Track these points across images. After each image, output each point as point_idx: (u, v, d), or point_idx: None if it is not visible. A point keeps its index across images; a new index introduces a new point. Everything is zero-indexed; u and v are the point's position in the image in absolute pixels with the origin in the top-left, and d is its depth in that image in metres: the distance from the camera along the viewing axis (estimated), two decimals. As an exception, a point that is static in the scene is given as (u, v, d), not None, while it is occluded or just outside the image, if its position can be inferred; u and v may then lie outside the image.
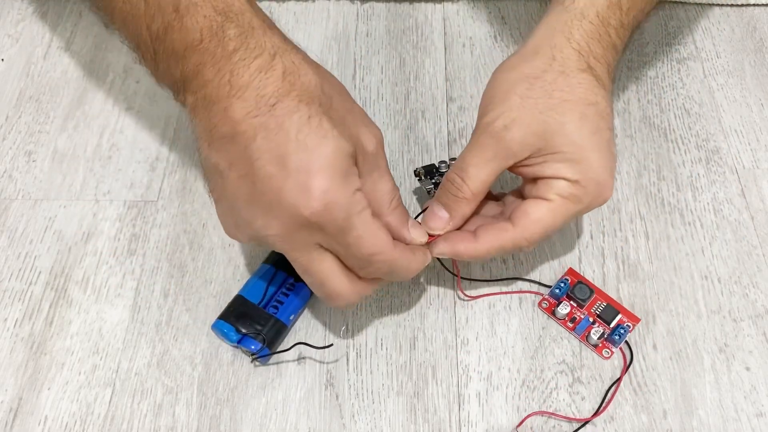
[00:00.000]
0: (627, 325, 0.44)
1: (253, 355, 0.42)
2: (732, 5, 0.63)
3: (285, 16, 0.61)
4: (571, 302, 0.45)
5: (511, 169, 0.40)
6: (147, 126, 0.54)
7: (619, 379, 0.43)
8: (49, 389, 0.43)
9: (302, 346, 0.43)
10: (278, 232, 0.35)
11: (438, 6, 0.62)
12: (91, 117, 0.55)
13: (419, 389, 0.43)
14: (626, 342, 0.44)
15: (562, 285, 0.45)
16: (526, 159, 0.39)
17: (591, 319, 0.44)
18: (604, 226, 0.50)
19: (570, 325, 0.44)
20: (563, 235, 0.49)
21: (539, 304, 0.45)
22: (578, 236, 0.49)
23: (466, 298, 0.46)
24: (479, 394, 0.43)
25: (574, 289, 0.45)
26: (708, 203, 0.51)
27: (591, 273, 0.47)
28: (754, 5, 0.63)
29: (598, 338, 0.43)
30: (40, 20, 0.61)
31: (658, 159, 0.53)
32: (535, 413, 0.41)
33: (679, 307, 0.46)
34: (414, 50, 0.59)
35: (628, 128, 0.55)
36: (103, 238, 0.48)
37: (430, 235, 0.41)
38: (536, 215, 0.39)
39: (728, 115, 0.56)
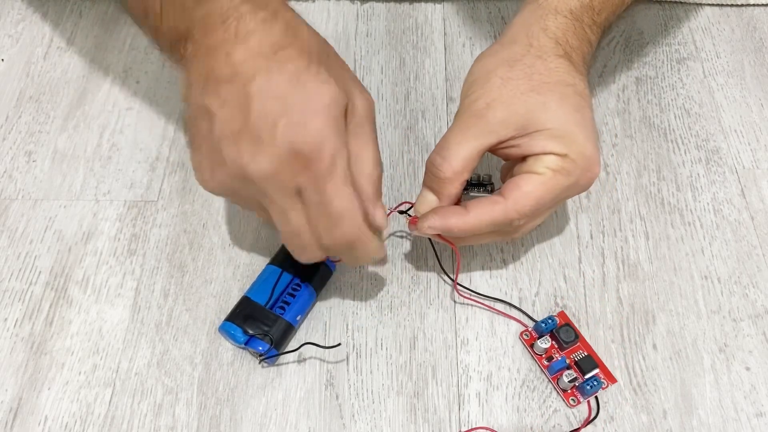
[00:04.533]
0: (602, 381, 0.43)
1: (261, 356, 0.42)
2: (732, 5, 0.63)
3: (285, 16, 0.61)
4: (553, 341, 0.44)
5: (497, 151, 0.41)
6: (147, 126, 0.54)
7: (576, 430, 0.41)
8: (49, 389, 0.43)
9: (305, 346, 0.43)
10: (265, 167, 0.34)
11: (438, 6, 0.62)
12: (91, 117, 0.55)
13: (419, 389, 0.43)
14: (596, 397, 0.43)
15: (549, 321, 0.44)
16: (510, 139, 0.40)
17: (567, 363, 0.43)
18: (604, 226, 0.50)
19: (545, 363, 0.43)
20: (563, 235, 0.49)
21: (521, 335, 0.45)
22: (578, 236, 0.49)
23: (460, 297, 0.46)
24: (479, 394, 0.43)
25: (560, 330, 0.44)
26: (708, 203, 0.51)
27: (591, 273, 0.47)
28: (754, 5, 0.63)
29: (569, 382, 0.42)
30: (40, 20, 0.61)
31: (658, 159, 0.53)
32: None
33: (679, 307, 0.46)
34: (414, 50, 0.59)
35: (628, 128, 0.55)
36: (103, 238, 0.49)
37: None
38: (527, 188, 0.39)
39: (728, 115, 0.56)
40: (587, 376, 0.43)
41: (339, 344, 0.44)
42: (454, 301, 0.46)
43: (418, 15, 0.62)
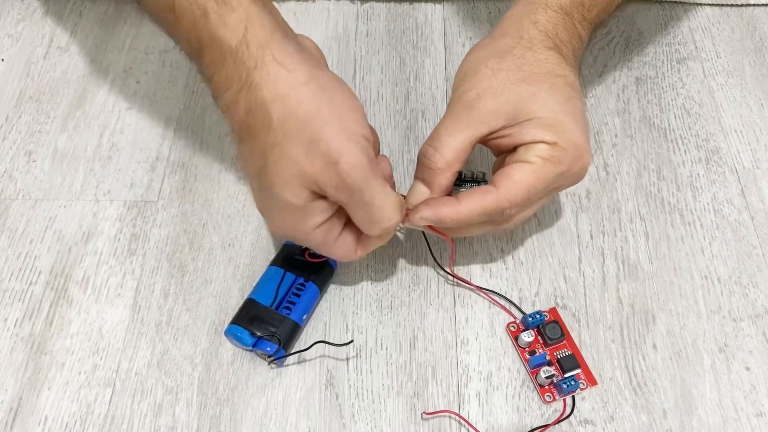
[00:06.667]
0: (581, 381, 0.43)
1: (270, 357, 0.42)
2: (732, 5, 0.63)
3: (285, 16, 0.61)
4: (539, 337, 0.44)
5: (488, 142, 0.41)
6: (147, 126, 0.54)
7: (546, 425, 0.41)
8: (49, 389, 0.43)
9: (316, 344, 0.43)
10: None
11: (438, 6, 0.62)
12: (91, 117, 0.55)
13: (419, 389, 0.43)
14: (572, 397, 0.42)
15: (537, 316, 0.44)
16: (500, 129, 0.40)
17: (548, 359, 0.43)
18: (604, 226, 0.50)
19: (527, 356, 0.44)
20: (563, 235, 0.49)
21: (507, 327, 0.45)
22: (578, 236, 0.49)
23: (451, 278, 0.46)
24: (479, 394, 0.43)
25: (546, 326, 0.44)
26: (708, 203, 0.51)
27: (591, 273, 0.47)
28: (754, 5, 0.63)
29: (546, 378, 0.42)
30: (40, 20, 0.61)
31: (658, 159, 0.53)
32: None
33: (679, 307, 0.46)
34: (414, 50, 0.59)
35: (628, 128, 0.55)
36: (103, 238, 0.49)
37: None
38: (518, 176, 0.39)
39: (728, 115, 0.56)
40: (566, 374, 0.43)
41: (352, 341, 0.44)
42: (452, 285, 0.46)
43: (418, 15, 0.62)
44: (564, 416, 0.42)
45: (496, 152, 0.43)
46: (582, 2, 0.44)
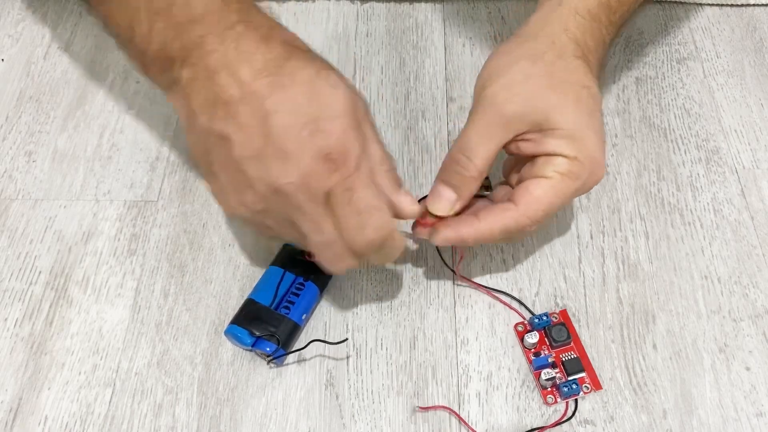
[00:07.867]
0: (584, 385, 0.42)
1: (269, 356, 0.42)
2: (732, 5, 0.63)
3: (285, 16, 0.61)
4: (545, 338, 0.44)
5: (509, 145, 0.41)
6: (147, 126, 0.54)
7: (544, 427, 0.41)
8: (49, 389, 0.43)
9: (312, 344, 0.43)
10: (296, 177, 0.34)
11: (438, 6, 0.62)
12: (91, 117, 0.55)
13: (419, 389, 0.43)
14: (575, 400, 0.42)
15: (544, 318, 0.44)
16: (523, 134, 0.40)
17: (552, 361, 0.43)
18: (604, 226, 0.50)
19: (531, 357, 0.44)
20: (563, 235, 0.49)
21: (515, 327, 0.45)
22: (578, 236, 0.49)
23: (460, 280, 0.47)
24: (479, 394, 0.43)
25: (552, 328, 0.44)
26: (708, 203, 0.51)
27: (591, 273, 0.47)
28: (754, 5, 0.63)
29: (547, 380, 0.42)
30: (40, 20, 0.61)
31: (658, 159, 0.53)
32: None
33: (679, 307, 0.46)
34: (414, 50, 0.59)
35: (628, 128, 0.55)
36: (103, 238, 0.49)
37: (438, 217, 0.41)
38: (538, 193, 0.39)
39: (728, 115, 0.56)
40: (570, 378, 0.43)
41: (346, 339, 0.44)
42: (453, 285, 0.46)
43: (418, 15, 0.62)
44: (563, 419, 0.42)
45: (512, 154, 0.43)
46: (609, 5, 0.43)
